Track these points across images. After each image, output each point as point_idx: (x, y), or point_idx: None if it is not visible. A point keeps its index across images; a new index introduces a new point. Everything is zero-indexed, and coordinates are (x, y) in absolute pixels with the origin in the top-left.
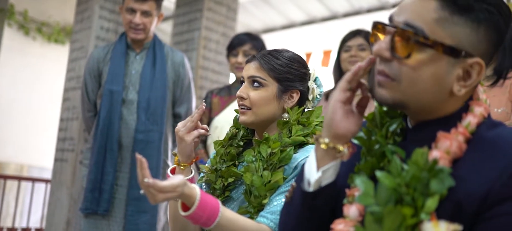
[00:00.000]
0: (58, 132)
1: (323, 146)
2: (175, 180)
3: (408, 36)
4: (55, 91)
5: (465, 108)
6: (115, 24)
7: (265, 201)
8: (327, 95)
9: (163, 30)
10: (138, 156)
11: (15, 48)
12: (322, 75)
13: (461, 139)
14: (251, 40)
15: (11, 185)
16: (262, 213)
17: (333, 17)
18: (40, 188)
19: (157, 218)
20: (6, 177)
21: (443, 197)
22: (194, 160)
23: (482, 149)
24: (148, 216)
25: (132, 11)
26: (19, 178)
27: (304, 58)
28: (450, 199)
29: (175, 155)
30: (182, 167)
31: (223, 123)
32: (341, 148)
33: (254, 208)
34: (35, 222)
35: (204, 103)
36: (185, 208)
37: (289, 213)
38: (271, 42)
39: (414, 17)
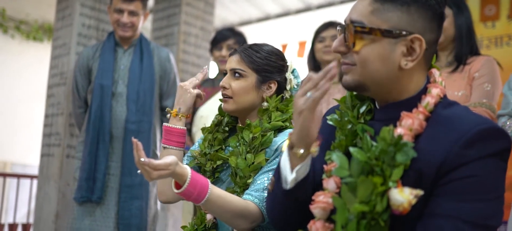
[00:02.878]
0: (43, 127)
1: (298, 155)
2: (167, 159)
3: (351, 29)
4: (35, 89)
5: (424, 90)
6: (96, 21)
7: (249, 181)
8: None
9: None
10: (134, 140)
11: None
12: (298, 66)
13: (421, 117)
14: (234, 35)
15: None
16: (247, 191)
17: (307, 9)
18: (25, 184)
19: (148, 205)
20: None
21: (406, 167)
22: (188, 116)
23: (439, 124)
24: (140, 202)
25: (120, 11)
26: (4, 175)
27: (280, 49)
28: (413, 168)
29: (169, 111)
30: (181, 117)
31: (208, 112)
32: (314, 150)
33: (240, 188)
34: (21, 217)
35: (206, 67)
36: (178, 186)
37: (273, 202)
38: (248, 35)
39: (356, 14)
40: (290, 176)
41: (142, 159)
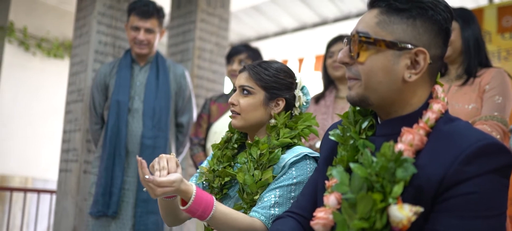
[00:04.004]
0: (61, 143)
1: None
2: (172, 176)
3: (356, 40)
4: (55, 105)
5: (425, 106)
6: (113, 38)
7: (256, 197)
8: (316, 99)
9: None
10: (138, 158)
11: (16, 64)
12: (314, 80)
13: (422, 133)
14: (247, 50)
15: (17, 197)
16: (254, 208)
17: (323, 22)
18: (45, 198)
19: None
20: (12, 189)
21: (406, 183)
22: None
23: (439, 140)
24: (156, 216)
25: (137, 28)
26: (25, 190)
27: (297, 63)
28: (413, 184)
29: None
30: None
31: (222, 128)
32: None
33: (247, 204)
34: None
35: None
36: (184, 202)
37: None
38: (265, 49)
39: (362, 25)
40: None
41: (147, 176)
